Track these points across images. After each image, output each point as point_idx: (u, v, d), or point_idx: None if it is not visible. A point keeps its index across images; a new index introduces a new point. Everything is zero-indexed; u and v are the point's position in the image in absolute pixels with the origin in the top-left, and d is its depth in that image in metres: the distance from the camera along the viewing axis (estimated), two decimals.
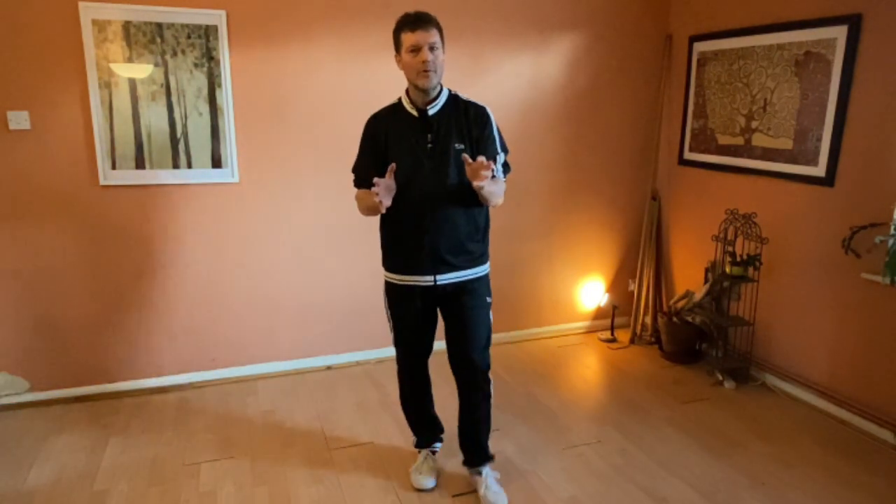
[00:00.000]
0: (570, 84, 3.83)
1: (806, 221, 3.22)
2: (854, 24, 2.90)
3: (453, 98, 2.31)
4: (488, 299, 2.42)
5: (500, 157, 2.31)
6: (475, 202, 2.27)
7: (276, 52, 3.23)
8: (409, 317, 2.44)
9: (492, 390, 2.48)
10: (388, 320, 2.50)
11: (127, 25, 2.96)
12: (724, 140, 3.65)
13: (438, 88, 2.27)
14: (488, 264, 2.43)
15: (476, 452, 2.52)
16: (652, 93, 4.05)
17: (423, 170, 2.24)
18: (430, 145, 2.24)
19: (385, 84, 3.42)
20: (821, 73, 3.06)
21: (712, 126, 3.73)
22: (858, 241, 2.90)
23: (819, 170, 3.11)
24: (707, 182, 3.82)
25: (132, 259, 3.21)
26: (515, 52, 3.67)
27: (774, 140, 3.33)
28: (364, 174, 2.32)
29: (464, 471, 2.59)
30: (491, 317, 2.44)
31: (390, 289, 2.44)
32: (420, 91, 2.22)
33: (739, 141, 3.54)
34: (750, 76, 3.44)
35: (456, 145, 2.24)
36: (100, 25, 2.92)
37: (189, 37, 3.06)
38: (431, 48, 2.14)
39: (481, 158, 2.09)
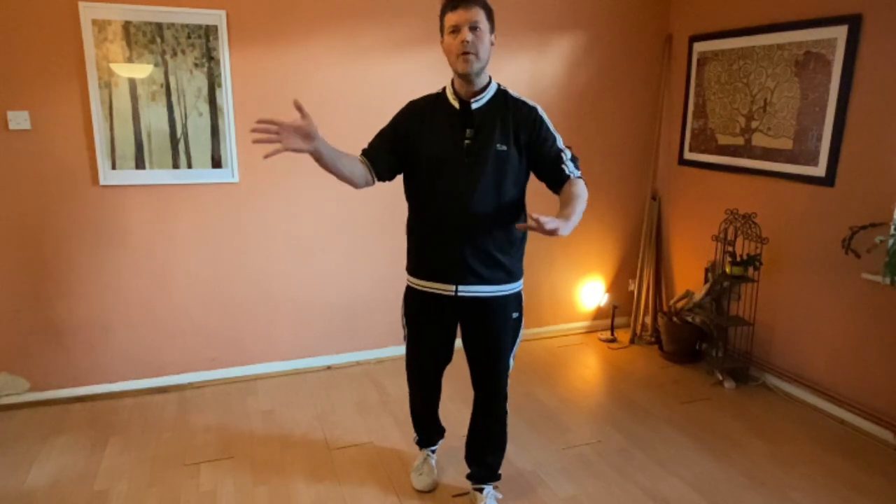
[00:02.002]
0: (569, 84, 3.83)
1: (806, 221, 3.22)
2: (854, 24, 2.90)
3: (502, 94, 2.09)
4: (515, 315, 2.22)
5: (567, 154, 2.08)
6: (511, 211, 2.11)
7: (276, 52, 3.23)
8: (427, 327, 2.31)
9: (508, 409, 2.35)
10: (403, 327, 2.38)
11: (127, 25, 2.96)
12: (724, 140, 3.65)
13: (486, 80, 2.05)
14: (521, 282, 2.22)
15: (482, 470, 2.42)
16: (652, 93, 4.05)
17: (455, 167, 2.04)
18: (467, 141, 2.03)
19: (385, 84, 3.43)
20: (821, 73, 3.06)
21: (712, 126, 3.73)
22: (858, 241, 2.90)
23: (819, 170, 3.11)
24: (707, 182, 3.82)
25: (132, 259, 3.21)
26: (515, 52, 3.67)
27: (774, 140, 3.33)
28: (374, 151, 2.14)
29: (465, 470, 2.56)
30: (520, 334, 2.27)
31: (410, 294, 2.29)
32: (462, 79, 2.01)
33: (739, 141, 3.54)
34: (750, 76, 3.44)
35: (497, 146, 2.03)
36: (100, 25, 2.92)
37: (189, 37, 3.06)
38: (473, 28, 1.92)
39: (536, 219, 1.72)
